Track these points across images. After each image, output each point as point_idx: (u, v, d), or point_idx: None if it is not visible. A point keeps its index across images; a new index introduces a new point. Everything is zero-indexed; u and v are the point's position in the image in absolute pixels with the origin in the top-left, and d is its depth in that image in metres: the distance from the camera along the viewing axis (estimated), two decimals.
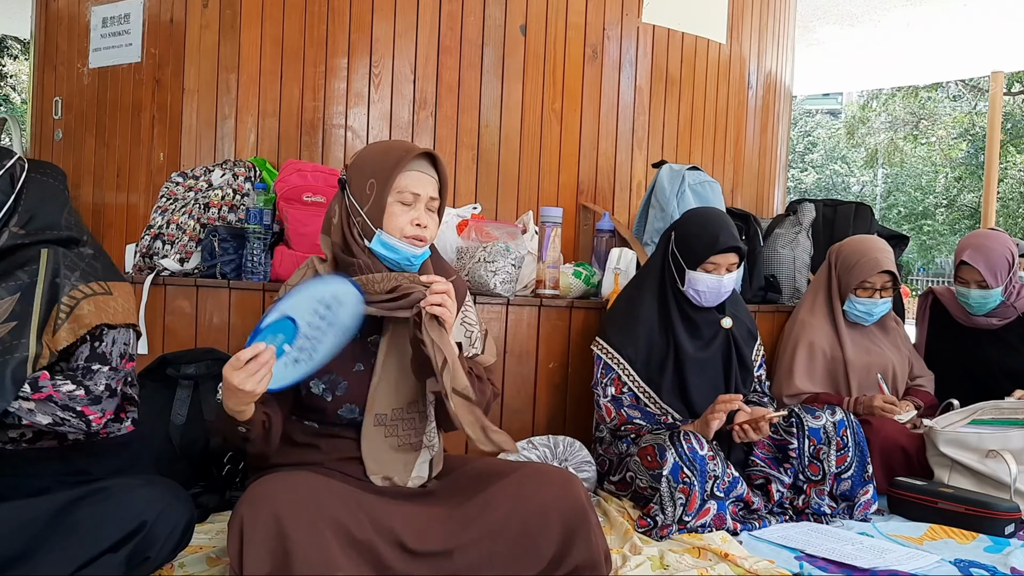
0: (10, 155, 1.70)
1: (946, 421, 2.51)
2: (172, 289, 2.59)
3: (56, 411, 1.60)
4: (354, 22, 3.02)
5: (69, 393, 1.62)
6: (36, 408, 1.58)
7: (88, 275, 1.68)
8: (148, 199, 3.18)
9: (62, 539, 1.49)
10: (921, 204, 21.64)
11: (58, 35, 3.62)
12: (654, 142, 3.38)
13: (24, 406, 1.57)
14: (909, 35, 6.54)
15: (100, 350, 1.68)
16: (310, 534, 1.42)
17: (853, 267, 2.75)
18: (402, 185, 1.68)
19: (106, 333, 1.68)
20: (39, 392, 1.59)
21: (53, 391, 1.60)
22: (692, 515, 2.10)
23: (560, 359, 2.70)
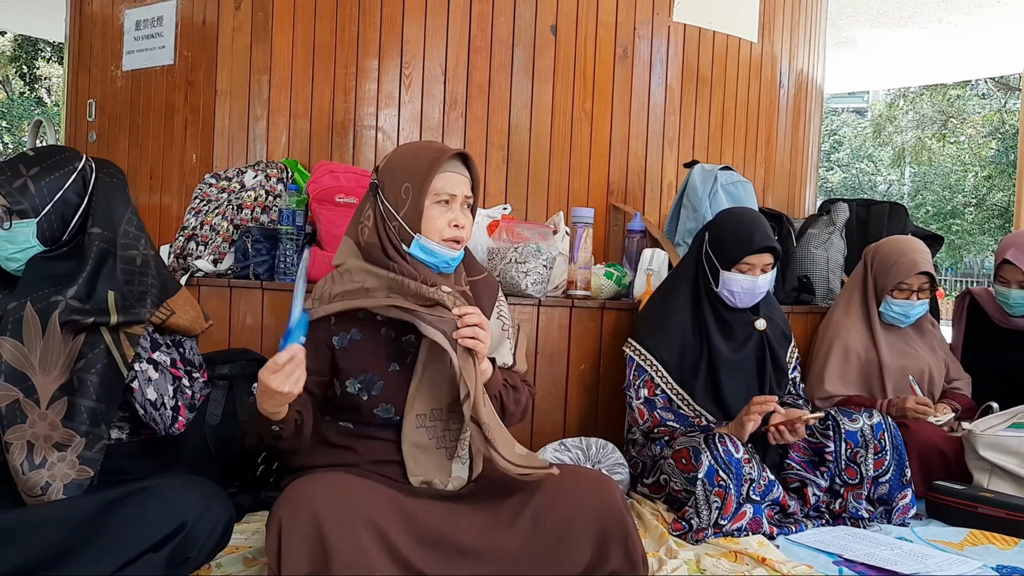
0: (79, 156, 1.72)
1: (985, 424, 2.47)
2: (206, 290, 2.61)
3: (167, 395, 1.66)
4: (385, 23, 3.02)
5: (183, 386, 1.70)
6: (155, 381, 1.64)
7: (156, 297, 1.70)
8: (181, 200, 3.21)
9: (104, 538, 1.51)
10: (949, 203, 21.37)
11: (92, 38, 3.65)
12: (685, 142, 3.36)
13: (148, 371, 1.62)
14: (939, 32, 6.47)
15: (188, 356, 1.76)
16: (348, 535, 1.42)
17: (890, 268, 2.71)
18: (438, 188, 1.67)
19: (185, 342, 1.77)
20: (175, 369, 1.67)
21: (181, 375, 1.68)
22: (728, 518, 2.08)
23: (591, 360, 2.69)
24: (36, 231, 1.64)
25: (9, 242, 1.63)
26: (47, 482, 1.55)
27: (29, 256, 1.65)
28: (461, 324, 1.58)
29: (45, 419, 1.56)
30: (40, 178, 1.65)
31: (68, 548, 1.50)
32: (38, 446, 1.55)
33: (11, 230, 1.62)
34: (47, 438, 1.56)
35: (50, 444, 1.56)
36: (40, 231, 1.64)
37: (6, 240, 1.62)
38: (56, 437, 1.56)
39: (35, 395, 1.56)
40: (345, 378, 1.68)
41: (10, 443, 1.54)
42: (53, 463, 1.56)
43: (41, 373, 1.56)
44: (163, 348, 1.69)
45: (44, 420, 1.56)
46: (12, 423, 1.54)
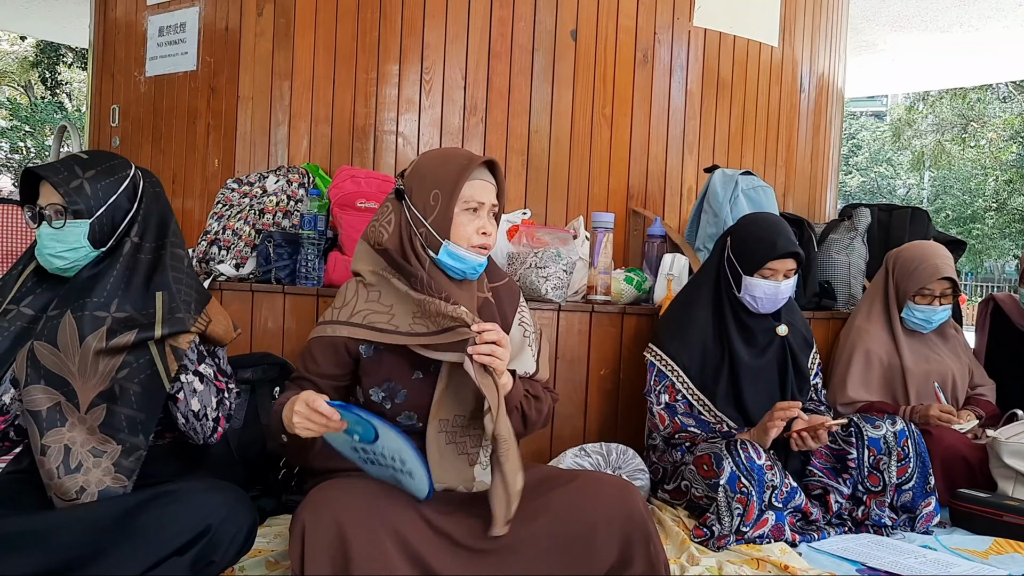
0: (130, 164, 1.74)
1: (1010, 432, 2.45)
2: (228, 294, 2.62)
3: (210, 406, 1.68)
4: (405, 28, 3.03)
5: (225, 397, 1.72)
6: (200, 392, 1.66)
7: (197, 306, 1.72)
8: (203, 205, 3.23)
9: (130, 541, 1.52)
10: (970, 208, 21.16)
11: (116, 44, 3.69)
12: (705, 146, 3.35)
13: (194, 383, 1.65)
14: (960, 36, 6.42)
15: (223, 367, 1.79)
16: (370, 540, 1.43)
17: (912, 273, 2.69)
18: (467, 195, 1.68)
19: (218, 351, 1.79)
20: (219, 381, 1.69)
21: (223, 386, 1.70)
22: (750, 525, 2.07)
23: (612, 365, 2.69)
24: (88, 232, 1.65)
25: (58, 240, 1.63)
26: (81, 487, 1.57)
27: (76, 257, 1.65)
28: (479, 340, 1.59)
29: (84, 423, 1.58)
30: (96, 181, 1.66)
31: (94, 551, 1.51)
32: (75, 450, 1.57)
33: (63, 228, 1.63)
34: (84, 442, 1.57)
35: (87, 449, 1.57)
36: (91, 232, 1.65)
37: (55, 239, 1.63)
38: (93, 442, 1.58)
39: (76, 399, 1.57)
40: (369, 386, 1.69)
41: (48, 446, 1.55)
42: (89, 468, 1.57)
43: (80, 379, 1.58)
44: (207, 361, 1.71)
45: (83, 424, 1.57)
46: (52, 426, 1.56)
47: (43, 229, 1.63)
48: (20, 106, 16.98)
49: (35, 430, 1.56)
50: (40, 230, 1.64)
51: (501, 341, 1.60)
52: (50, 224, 1.63)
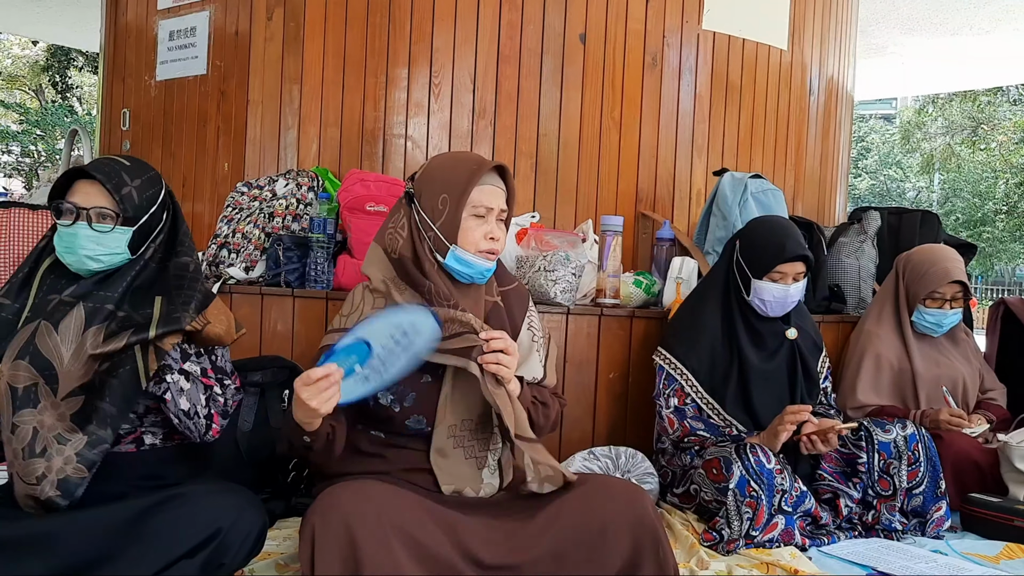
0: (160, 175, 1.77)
1: (1021, 436, 2.43)
2: (238, 297, 2.63)
3: (199, 404, 1.68)
4: (415, 32, 3.04)
5: (215, 394, 1.72)
6: (187, 391, 1.66)
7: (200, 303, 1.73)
8: (213, 208, 3.25)
9: (140, 544, 1.52)
10: (980, 211, 21.06)
11: (127, 48, 3.71)
12: (714, 150, 3.35)
13: (180, 382, 1.65)
14: (970, 39, 6.40)
15: (219, 364, 1.78)
16: (380, 543, 1.43)
17: (923, 277, 2.68)
18: (476, 200, 1.68)
19: (217, 350, 1.79)
20: (207, 378, 1.69)
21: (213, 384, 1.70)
22: (759, 530, 2.07)
23: (621, 369, 2.68)
24: (129, 239, 1.67)
25: (99, 243, 1.65)
26: (43, 473, 1.56)
27: (112, 262, 1.67)
28: (487, 348, 1.59)
29: (56, 409, 1.59)
30: (142, 190, 1.69)
31: (104, 554, 1.52)
32: (42, 435, 1.57)
33: (110, 233, 1.65)
34: (51, 427, 1.58)
35: (52, 435, 1.58)
36: (132, 240, 1.68)
37: (95, 241, 1.64)
38: (60, 428, 1.58)
39: (55, 384, 1.59)
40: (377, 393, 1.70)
41: (18, 425, 1.57)
42: (51, 455, 1.57)
43: (69, 364, 1.60)
44: (193, 358, 1.71)
45: (55, 410, 1.58)
46: (25, 405, 1.57)
47: (81, 229, 1.64)
48: (31, 110, 17.08)
49: (9, 407, 1.57)
50: (76, 230, 1.64)
51: (508, 349, 1.61)
52: (90, 225, 1.64)
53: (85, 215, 1.65)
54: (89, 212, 1.65)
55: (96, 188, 1.66)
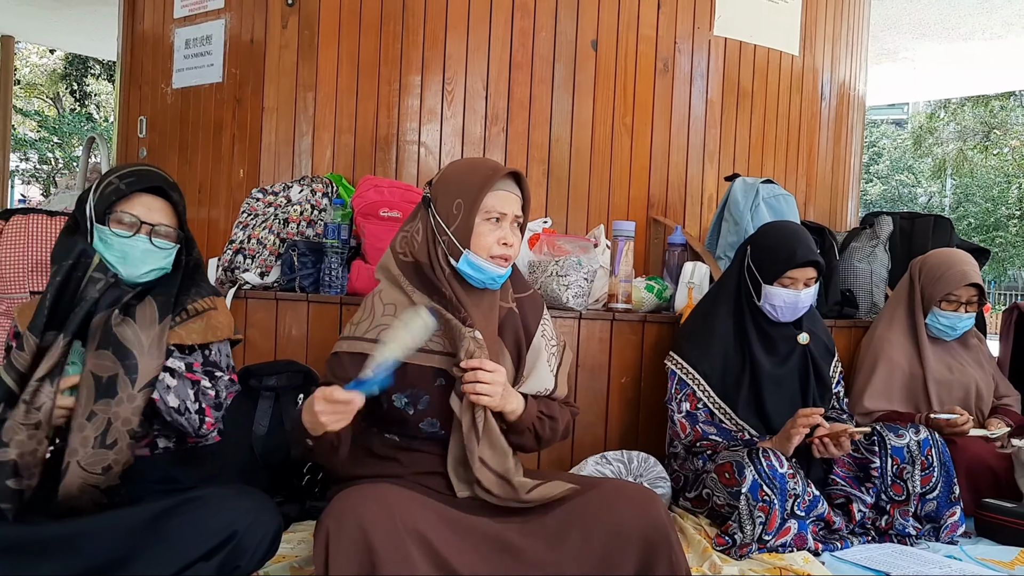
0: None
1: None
2: (253, 302, 2.65)
3: (188, 399, 1.70)
4: (428, 40, 3.06)
5: (203, 388, 1.73)
6: (174, 388, 1.67)
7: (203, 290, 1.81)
8: (229, 214, 3.27)
9: (157, 547, 1.54)
10: (992, 216, 20.96)
11: (143, 57, 3.75)
12: (726, 155, 3.35)
13: (166, 379, 1.67)
14: (982, 44, 6.38)
15: (212, 359, 1.80)
16: (395, 546, 1.44)
17: (939, 279, 2.67)
18: (489, 205, 1.70)
19: (212, 344, 1.80)
20: (191, 373, 1.71)
21: (199, 379, 1.72)
22: (772, 534, 2.07)
23: (633, 373, 2.69)
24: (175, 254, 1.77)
25: (156, 258, 1.73)
26: (110, 465, 1.58)
27: (160, 273, 1.75)
28: (468, 378, 1.61)
29: (133, 401, 1.60)
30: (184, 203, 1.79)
31: (121, 557, 1.54)
32: (115, 427, 1.58)
33: (171, 249, 1.75)
34: (126, 421, 1.60)
35: (126, 429, 1.59)
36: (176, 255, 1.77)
37: (155, 255, 1.72)
38: (134, 423, 1.61)
39: (135, 375, 1.61)
40: (392, 392, 1.71)
41: (95, 413, 1.58)
42: (123, 448, 1.59)
43: (148, 355, 1.63)
44: (176, 354, 1.72)
45: (131, 403, 1.60)
46: (104, 395, 1.59)
47: (140, 243, 1.70)
48: (48, 118, 17.23)
49: (91, 395, 1.58)
50: (135, 242, 1.69)
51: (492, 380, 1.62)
52: (151, 240, 1.70)
53: (148, 229, 1.71)
54: (154, 228, 1.71)
55: (160, 203, 1.73)
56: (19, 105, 16.49)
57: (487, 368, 1.62)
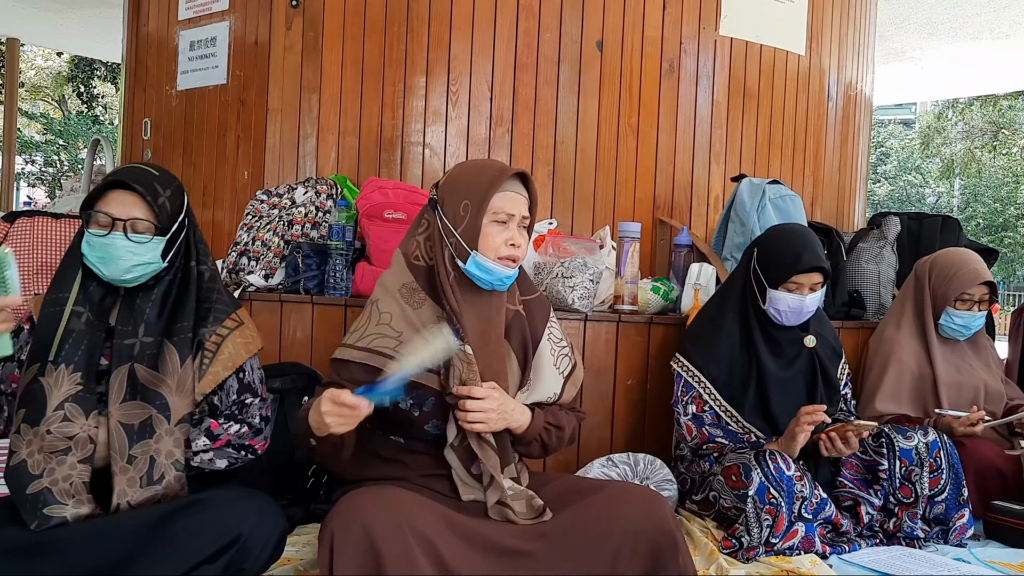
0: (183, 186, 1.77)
1: None
2: (257, 304, 2.65)
3: (231, 453, 1.73)
4: (432, 41, 3.06)
5: (238, 433, 1.74)
6: (215, 455, 1.70)
7: (221, 312, 1.76)
8: (233, 216, 3.27)
9: (161, 549, 1.53)
10: (1001, 216, 20.88)
11: (148, 59, 3.76)
12: (732, 156, 3.34)
13: (205, 457, 1.69)
14: (990, 43, 6.35)
15: (246, 380, 1.78)
16: (400, 548, 1.43)
17: (952, 279, 2.65)
18: (497, 206, 1.69)
19: (244, 365, 1.77)
20: (217, 440, 1.71)
21: (225, 435, 1.72)
22: (779, 537, 2.06)
23: (639, 375, 2.68)
24: (163, 248, 1.69)
25: (136, 254, 1.65)
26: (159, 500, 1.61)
27: (147, 271, 1.68)
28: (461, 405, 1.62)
29: (172, 435, 1.63)
30: (172, 200, 1.71)
31: (126, 560, 1.53)
32: (159, 462, 1.62)
33: (147, 244, 1.66)
34: (169, 454, 1.62)
35: (171, 461, 1.62)
36: (164, 249, 1.69)
37: (133, 251, 1.65)
38: (178, 454, 1.63)
39: (168, 412, 1.63)
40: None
41: (135, 457, 1.61)
42: (170, 482, 1.62)
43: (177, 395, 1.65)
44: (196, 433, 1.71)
45: (170, 436, 1.63)
46: (142, 438, 1.62)
47: (117, 240, 1.64)
48: (54, 120, 17.30)
49: (123, 441, 1.60)
50: (112, 240, 1.64)
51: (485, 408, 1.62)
52: (127, 236, 1.64)
53: (122, 225, 1.65)
54: (126, 223, 1.65)
55: (132, 198, 1.66)
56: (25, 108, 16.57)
57: (477, 395, 1.62)
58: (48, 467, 1.58)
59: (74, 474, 1.58)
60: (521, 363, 1.78)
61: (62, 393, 1.60)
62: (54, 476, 1.57)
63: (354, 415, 1.49)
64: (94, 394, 1.63)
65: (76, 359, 1.63)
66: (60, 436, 1.58)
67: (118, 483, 1.59)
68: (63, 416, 1.59)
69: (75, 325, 1.65)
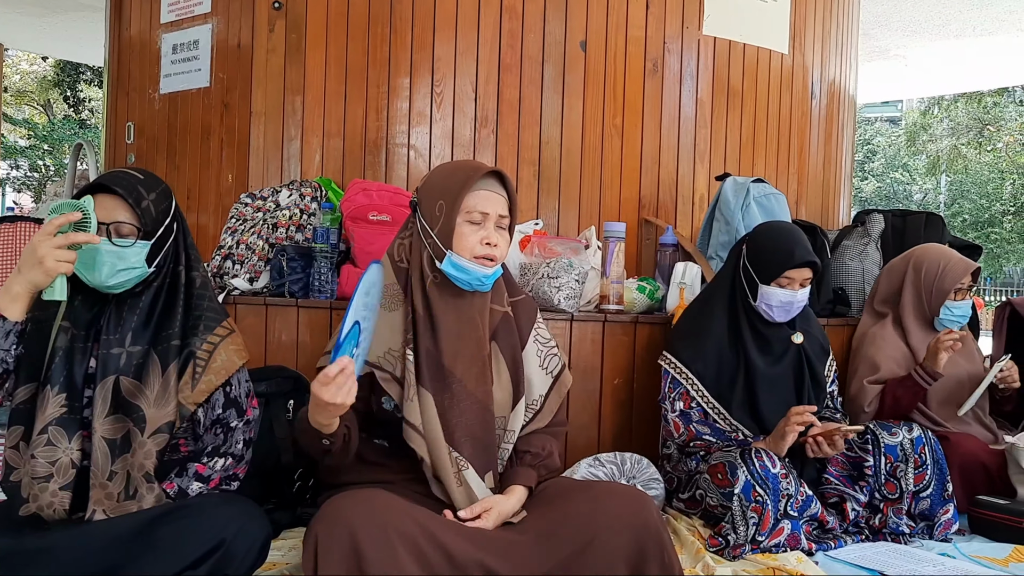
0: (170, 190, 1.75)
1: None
2: (242, 308, 2.64)
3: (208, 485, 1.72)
4: (416, 42, 3.06)
5: (224, 468, 1.73)
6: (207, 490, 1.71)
7: (212, 320, 1.73)
8: (217, 220, 3.26)
9: (145, 556, 1.53)
10: (987, 212, 20.99)
11: (130, 62, 3.74)
12: (716, 155, 3.35)
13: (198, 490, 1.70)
14: (974, 41, 6.39)
15: (232, 395, 1.75)
16: (385, 552, 1.43)
17: (944, 273, 2.65)
18: (470, 205, 1.69)
19: (232, 378, 1.74)
20: (211, 481, 1.71)
21: (215, 475, 1.72)
22: (765, 535, 2.06)
23: (625, 375, 2.68)
24: (147, 253, 1.66)
25: (120, 258, 1.62)
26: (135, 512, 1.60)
27: (132, 277, 1.65)
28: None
29: (144, 447, 1.61)
30: (157, 203, 1.68)
31: (109, 567, 1.52)
32: (134, 477, 1.61)
33: (130, 248, 1.63)
34: (140, 467, 1.61)
35: (142, 474, 1.61)
36: (150, 254, 1.66)
37: (118, 256, 1.61)
38: (148, 466, 1.61)
39: (143, 424, 1.62)
40: (382, 394, 1.70)
41: (115, 473, 1.60)
42: (143, 495, 1.61)
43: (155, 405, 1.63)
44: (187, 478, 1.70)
45: (142, 448, 1.61)
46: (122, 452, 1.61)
47: (102, 245, 1.60)
48: (39, 125, 17.20)
49: (106, 457, 1.60)
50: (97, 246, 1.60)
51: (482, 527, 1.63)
52: (111, 240, 1.61)
53: (105, 230, 1.61)
54: (109, 227, 1.62)
55: (115, 202, 1.63)
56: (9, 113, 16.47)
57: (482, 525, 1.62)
58: (32, 493, 1.58)
59: (56, 501, 1.58)
60: (511, 367, 1.78)
61: (46, 417, 1.59)
62: (39, 502, 1.58)
63: (346, 378, 1.45)
64: (79, 415, 1.62)
65: (61, 380, 1.61)
66: (43, 462, 1.58)
67: (94, 497, 1.59)
68: (47, 440, 1.58)
69: (61, 343, 1.63)
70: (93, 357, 1.64)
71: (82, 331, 1.65)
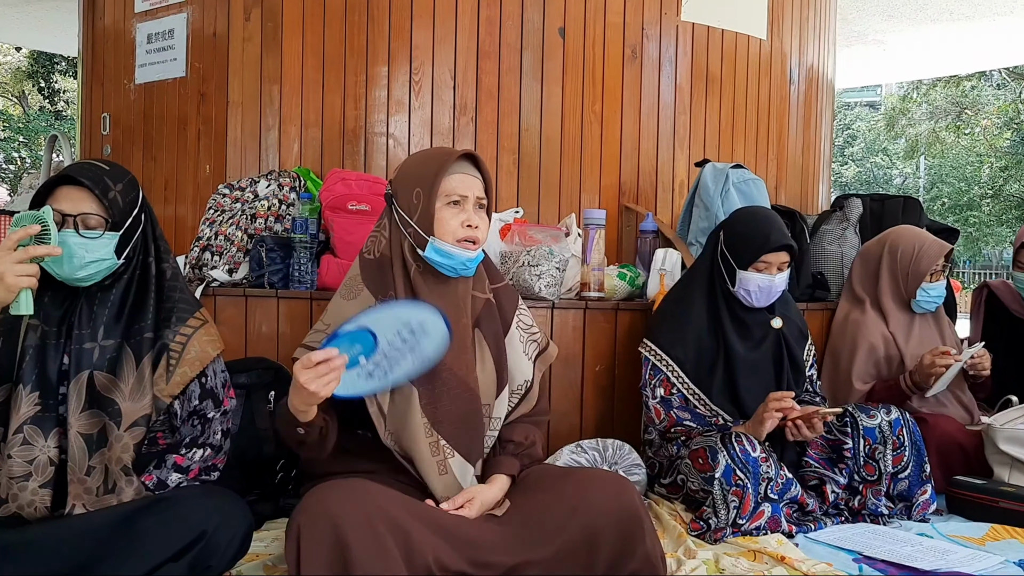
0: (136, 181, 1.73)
1: (1005, 418, 2.46)
2: (221, 300, 2.62)
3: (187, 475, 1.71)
4: (393, 30, 3.04)
5: (203, 459, 1.72)
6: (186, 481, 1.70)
7: (184, 311, 1.72)
8: (195, 211, 3.24)
9: (126, 548, 1.52)
10: (966, 195, 21.18)
11: (105, 53, 3.69)
12: (696, 141, 3.36)
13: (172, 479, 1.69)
14: (950, 25, 6.42)
15: (208, 385, 1.74)
16: (368, 541, 1.42)
17: (920, 255, 2.67)
18: (448, 188, 1.68)
19: (207, 369, 1.73)
20: (189, 471, 1.70)
21: (194, 466, 1.71)
22: (746, 518, 2.08)
23: (607, 362, 2.69)
24: (116, 244, 1.64)
25: (88, 250, 1.60)
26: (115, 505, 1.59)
27: (101, 268, 1.63)
28: None
29: (120, 440, 1.60)
30: (124, 194, 1.66)
31: (90, 559, 1.52)
32: (112, 471, 1.60)
33: (98, 240, 1.61)
34: (118, 460, 1.60)
35: (119, 468, 1.60)
36: (118, 245, 1.65)
37: (86, 248, 1.60)
38: (126, 460, 1.61)
39: (119, 418, 1.61)
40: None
41: (93, 467, 1.59)
42: (122, 488, 1.60)
43: (131, 399, 1.62)
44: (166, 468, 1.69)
45: (119, 442, 1.60)
46: (99, 448, 1.60)
47: (69, 237, 1.59)
48: (13, 117, 16.98)
49: (83, 452, 1.59)
50: (64, 237, 1.58)
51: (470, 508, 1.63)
52: (78, 232, 1.60)
53: (72, 221, 1.60)
54: (76, 219, 1.60)
55: (82, 193, 1.62)
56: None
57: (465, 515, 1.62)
58: (12, 493, 1.57)
59: (36, 500, 1.57)
60: (494, 354, 1.78)
61: (21, 416, 1.58)
62: (19, 502, 1.56)
63: (330, 369, 1.44)
64: (54, 412, 1.61)
65: (34, 378, 1.60)
66: (20, 462, 1.56)
67: (73, 492, 1.58)
68: (23, 439, 1.57)
69: (31, 341, 1.61)
70: (66, 353, 1.63)
71: (53, 327, 1.63)
